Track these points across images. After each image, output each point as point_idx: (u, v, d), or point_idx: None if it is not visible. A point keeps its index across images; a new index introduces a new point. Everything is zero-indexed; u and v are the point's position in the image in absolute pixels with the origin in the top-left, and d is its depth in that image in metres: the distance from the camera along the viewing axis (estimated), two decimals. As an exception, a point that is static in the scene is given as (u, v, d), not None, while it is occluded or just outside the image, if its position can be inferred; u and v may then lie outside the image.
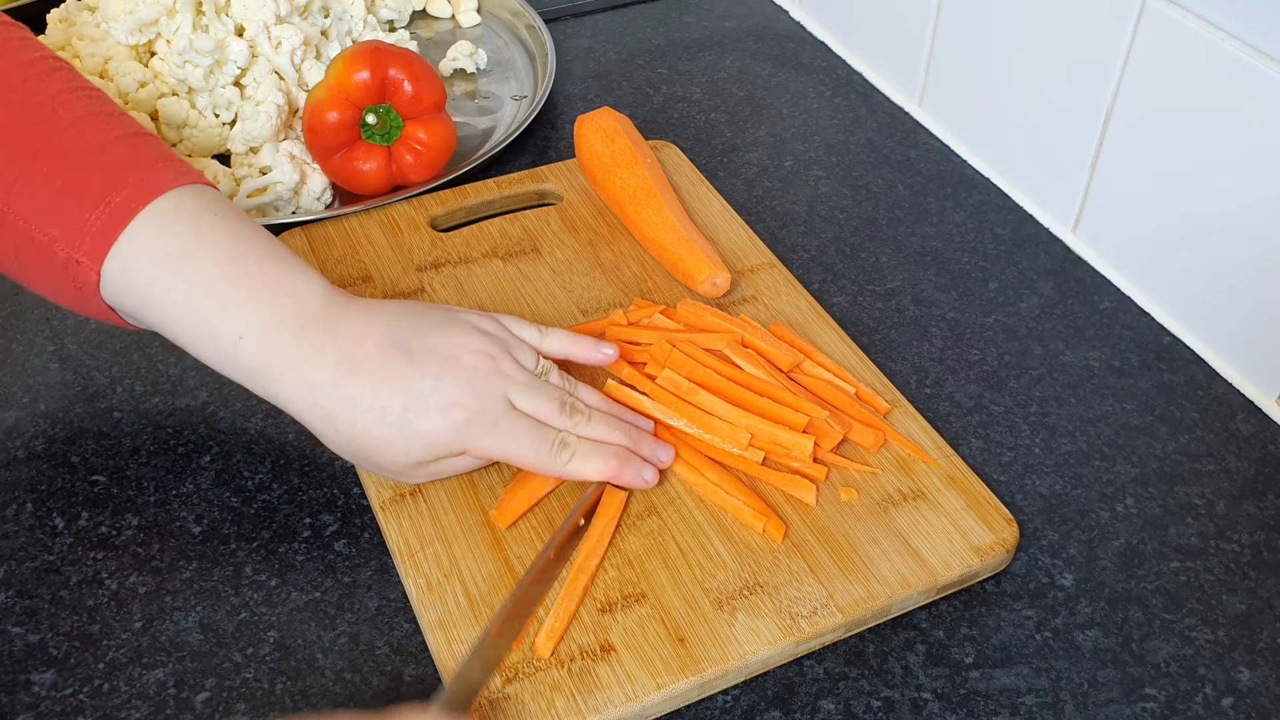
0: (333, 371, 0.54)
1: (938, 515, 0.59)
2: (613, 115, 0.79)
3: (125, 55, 0.81)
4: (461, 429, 0.55)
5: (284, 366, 0.54)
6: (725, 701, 0.54)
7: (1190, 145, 0.69)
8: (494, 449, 0.56)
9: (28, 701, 0.53)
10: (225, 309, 0.54)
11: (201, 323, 0.54)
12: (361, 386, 0.54)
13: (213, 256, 0.54)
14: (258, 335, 0.54)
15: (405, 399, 0.55)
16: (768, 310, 0.71)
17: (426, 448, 0.55)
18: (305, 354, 0.54)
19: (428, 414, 0.55)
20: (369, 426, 0.55)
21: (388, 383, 0.55)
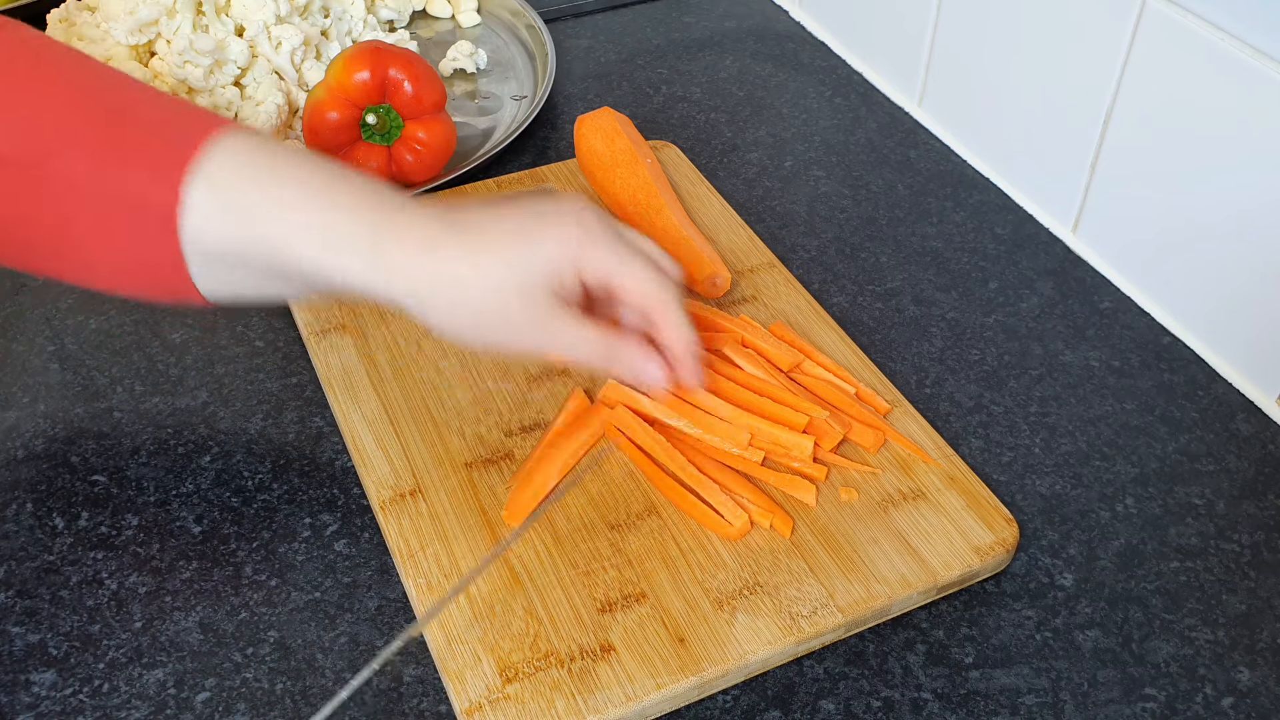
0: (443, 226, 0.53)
1: (938, 515, 0.59)
2: (613, 115, 0.79)
3: (125, 55, 0.81)
4: (582, 236, 0.54)
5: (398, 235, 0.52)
6: (725, 701, 0.54)
7: (1190, 145, 0.69)
8: (611, 259, 0.55)
9: (28, 701, 0.53)
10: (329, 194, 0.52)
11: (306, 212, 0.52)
12: (475, 226, 0.53)
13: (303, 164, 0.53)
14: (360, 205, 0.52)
15: (521, 223, 0.54)
16: (768, 310, 0.71)
17: (551, 262, 0.53)
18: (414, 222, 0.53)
19: (548, 226, 0.54)
20: (490, 255, 0.53)
21: (501, 217, 0.54)
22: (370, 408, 0.64)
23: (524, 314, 0.54)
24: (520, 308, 0.53)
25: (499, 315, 0.53)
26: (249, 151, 0.53)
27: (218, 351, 0.70)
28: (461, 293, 0.53)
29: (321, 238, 0.52)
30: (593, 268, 0.54)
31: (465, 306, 0.53)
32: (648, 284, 0.55)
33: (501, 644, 0.54)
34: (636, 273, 0.55)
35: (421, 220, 0.53)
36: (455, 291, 0.53)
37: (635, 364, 0.57)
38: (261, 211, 0.52)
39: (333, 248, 0.52)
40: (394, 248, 0.52)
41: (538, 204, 0.55)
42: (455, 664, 0.53)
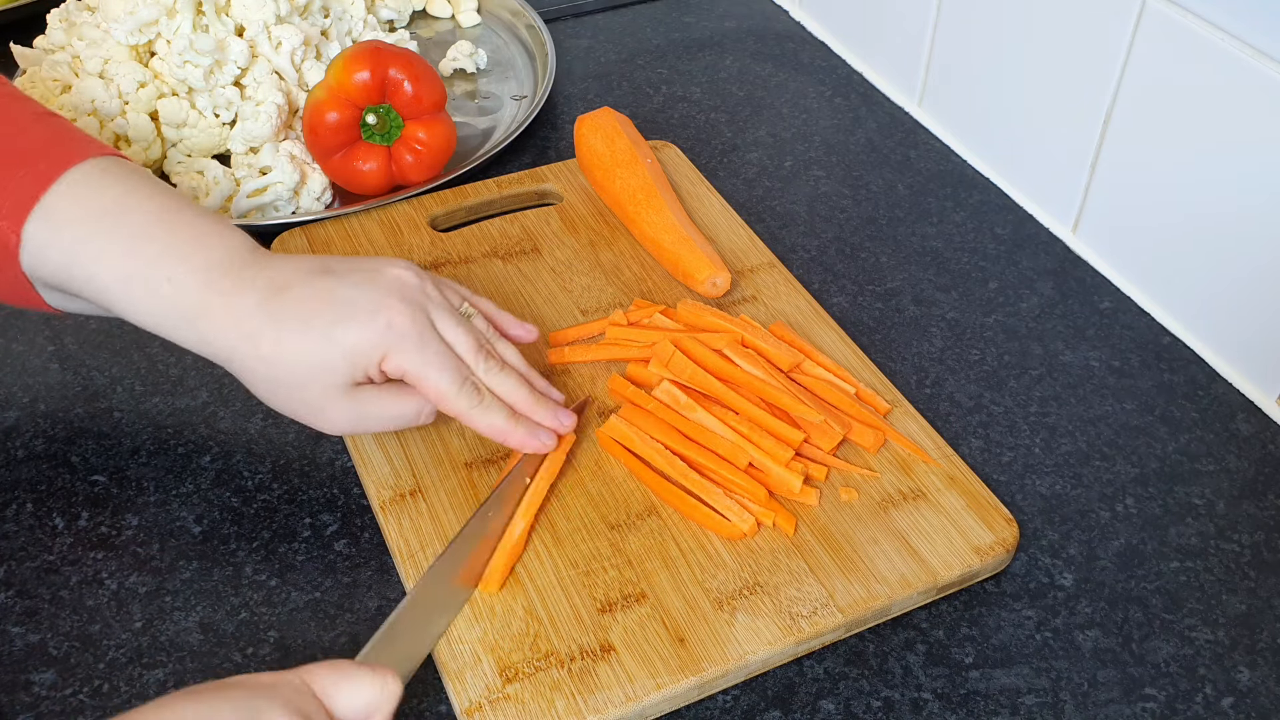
0: (259, 297, 0.55)
1: (938, 515, 0.59)
2: (613, 115, 0.79)
3: (125, 55, 0.81)
4: (385, 335, 0.55)
5: (214, 300, 0.54)
6: (725, 701, 0.54)
7: (1190, 145, 0.69)
8: (415, 366, 0.56)
9: (28, 701, 0.53)
10: (156, 255, 0.54)
11: (130, 271, 0.54)
12: (287, 303, 0.55)
13: (141, 209, 0.55)
14: (188, 278, 0.54)
15: (330, 309, 0.55)
16: (768, 310, 0.71)
17: (350, 358, 0.55)
18: (233, 289, 0.55)
19: (354, 320, 0.55)
20: (293, 340, 0.54)
21: (314, 296, 0.55)
22: (370, 408, 0.64)
23: (328, 404, 0.56)
24: (323, 399, 0.56)
25: (295, 394, 0.56)
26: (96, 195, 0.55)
27: (218, 351, 0.70)
28: (261, 367, 0.55)
29: (144, 305, 0.55)
30: (393, 366, 0.56)
31: (265, 380, 0.56)
32: (443, 392, 0.57)
33: (501, 644, 0.54)
34: (433, 379, 0.56)
35: (240, 299, 0.55)
36: (256, 364, 0.55)
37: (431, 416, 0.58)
38: (97, 270, 0.55)
39: (150, 311, 0.55)
40: (208, 317, 0.55)
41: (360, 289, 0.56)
42: (455, 664, 0.53)
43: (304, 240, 0.75)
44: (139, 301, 0.55)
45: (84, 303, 0.57)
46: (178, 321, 0.55)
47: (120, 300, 0.55)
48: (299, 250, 0.74)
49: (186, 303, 0.54)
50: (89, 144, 0.56)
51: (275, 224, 0.77)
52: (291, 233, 0.76)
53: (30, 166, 0.54)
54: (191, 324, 0.55)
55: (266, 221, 0.78)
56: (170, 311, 0.55)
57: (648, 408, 0.63)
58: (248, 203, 0.79)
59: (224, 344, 0.55)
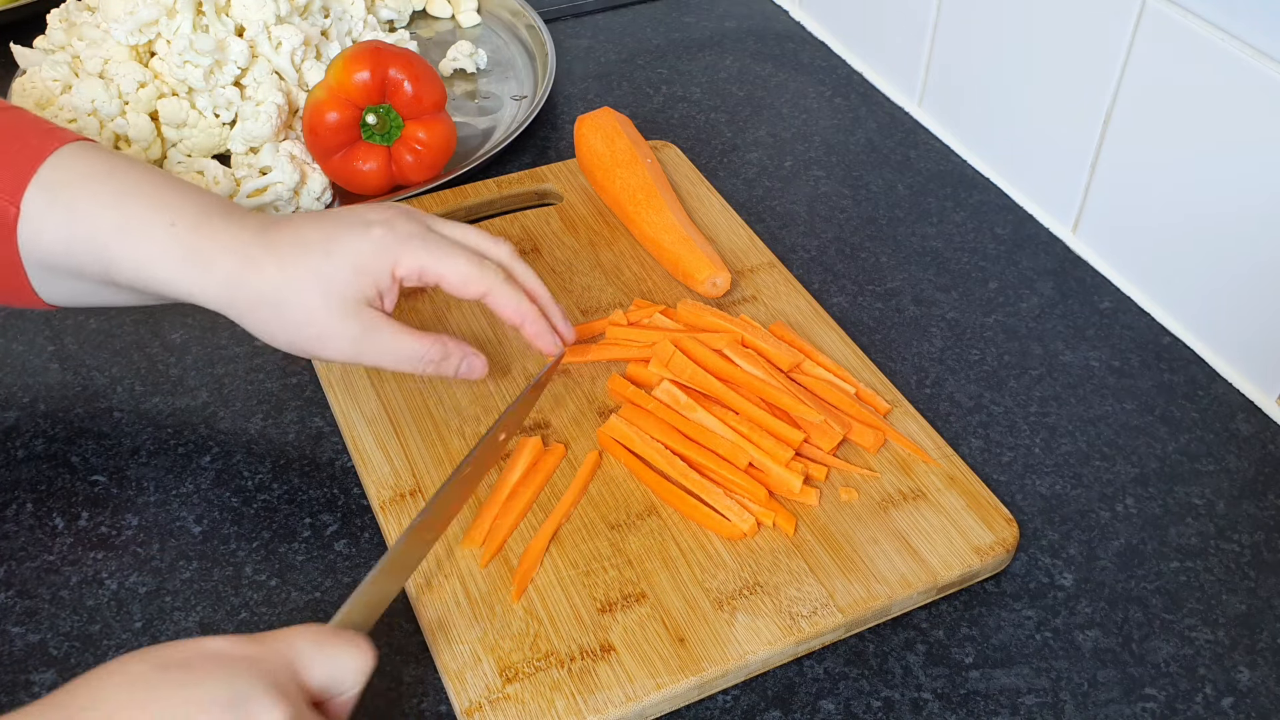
0: (257, 228, 0.56)
1: (938, 515, 0.59)
2: (613, 115, 0.79)
3: (125, 55, 0.81)
4: (385, 239, 0.56)
5: (214, 237, 0.55)
6: (725, 701, 0.54)
7: (1190, 145, 0.69)
8: (429, 260, 0.56)
9: (28, 701, 0.53)
10: (155, 205, 0.55)
11: (133, 218, 0.55)
12: (286, 230, 0.56)
13: (134, 171, 0.56)
14: (188, 220, 0.55)
15: (327, 226, 0.56)
16: (768, 310, 0.71)
17: (354, 268, 0.55)
18: (232, 225, 0.55)
19: (351, 232, 0.55)
20: (295, 260, 0.55)
21: (310, 221, 0.56)
22: (370, 408, 0.64)
23: (334, 323, 0.55)
24: (329, 317, 0.55)
25: (309, 325, 0.55)
26: (90, 162, 0.56)
27: (218, 351, 0.70)
28: (271, 304, 0.55)
29: (145, 250, 0.55)
30: (405, 266, 0.56)
31: (277, 317, 0.55)
32: (467, 272, 0.57)
33: (501, 644, 0.54)
34: (452, 264, 0.56)
35: (239, 233, 0.55)
36: (265, 302, 0.55)
37: (460, 364, 0.59)
38: (97, 224, 0.55)
39: (155, 260, 0.55)
40: (216, 261, 0.55)
41: (350, 213, 0.57)
42: (455, 664, 0.53)
43: (304, 240, 0.75)
44: (139, 248, 0.55)
45: (73, 284, 0.57)
46: (179, 262, 0.54)
47: (119, 250, 0.55)
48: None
49: (186, 242, 0.54)
50: (66, 131, 0.57)
51: (275, 224, 0.77)
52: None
53: (20, 143, 0.55)
54: (192, 262, 0.55)
55: (266, 221, 0.78)
56: (171, 253, 0.54)
57: (648, 407, 0.63)
58: (248, 203, 0.79)
59: (225, 277, 0.55)
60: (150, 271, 0.55)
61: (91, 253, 0.55)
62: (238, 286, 0.55)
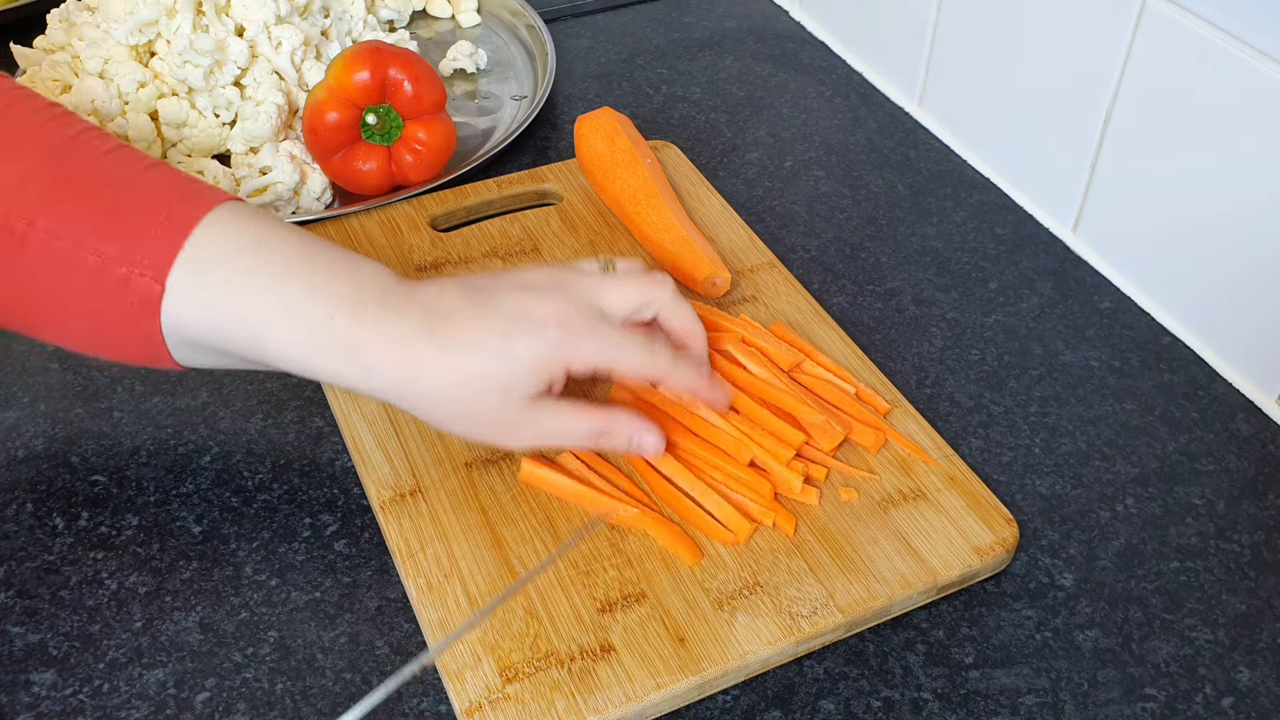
0: (422, 323, 0.53)
1: (938, 515, 0.59)
2: (613, 115, 0.79)
3: (125, 55, 0.81)
4: (560, 339, 0.54)
5: (375, 333, 0.53)
6: (725, 701, 0.54)
7: (1190, 145, 0.69)
8: (597, 354, 0.55)
9: (28, 701, 0.53)
10: (310, 289, 0.53)
11: (286, 306, 0.52)
12: (454, 325, 0.53)
13: (285, 245, 0.53)
14: (345, 310, 0.52)
15: (499, 324, 0.54)
16: (768, 310, 0.71)
17: (531, 369, 0.53)
18: (392, 318, 0.53)
19: (525, 333, 0.53)
20: (471, 363, 0.53)
21: (479, 315, 0.54)
22: (370, 408, 0.64)
23: (503, 415, 0.54)
24: (499, 410, 0.54)
25: (476, 415, 0.54)
26: (241, 232, 0.53)
27: (218, 351, 0.70)
28: (437, 392, 0.53)
29: (302, 342, 0.52)
30: (579, 364, 0.55)
31: (441, 406, 0.54)
32: (640, 363, 0.56)
33: (501, 644, 0.54)
34: (624, 357, 0.55)
35: (402, 326, 0.53)
36: (432, 390, 0.53)
37: (629, 439, 0.57)
38: (248, 309, 0.52)
39: (313, 353, 0.53)
40: (374, 360, 0.53)
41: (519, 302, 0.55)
42: (455, 664, 0.53)
43: (304, 240, 0.75)
44: (295, 340, 0.53)
45: (217, 355, 0.55)
46: (337, 357, 0.53)
47: (273, 340, 0.52)
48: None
49: (346, 337, 0.52)
50: (212, 189, 0.55)
51: (275, 224, 0.77)
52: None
53: (164, 214, 0.52)
54: (354, 359, 0.53)
55: (266, 221, 0.78)
56: (330, 348, 0.53)
57: (652, 400, 0.63)
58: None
59: (391, 375, 0.53)
60: (306, 364, 0.53)
61: (243, 338, 0.53)
62: (406, 385, 0.53)
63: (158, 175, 0.54)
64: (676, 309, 0.59)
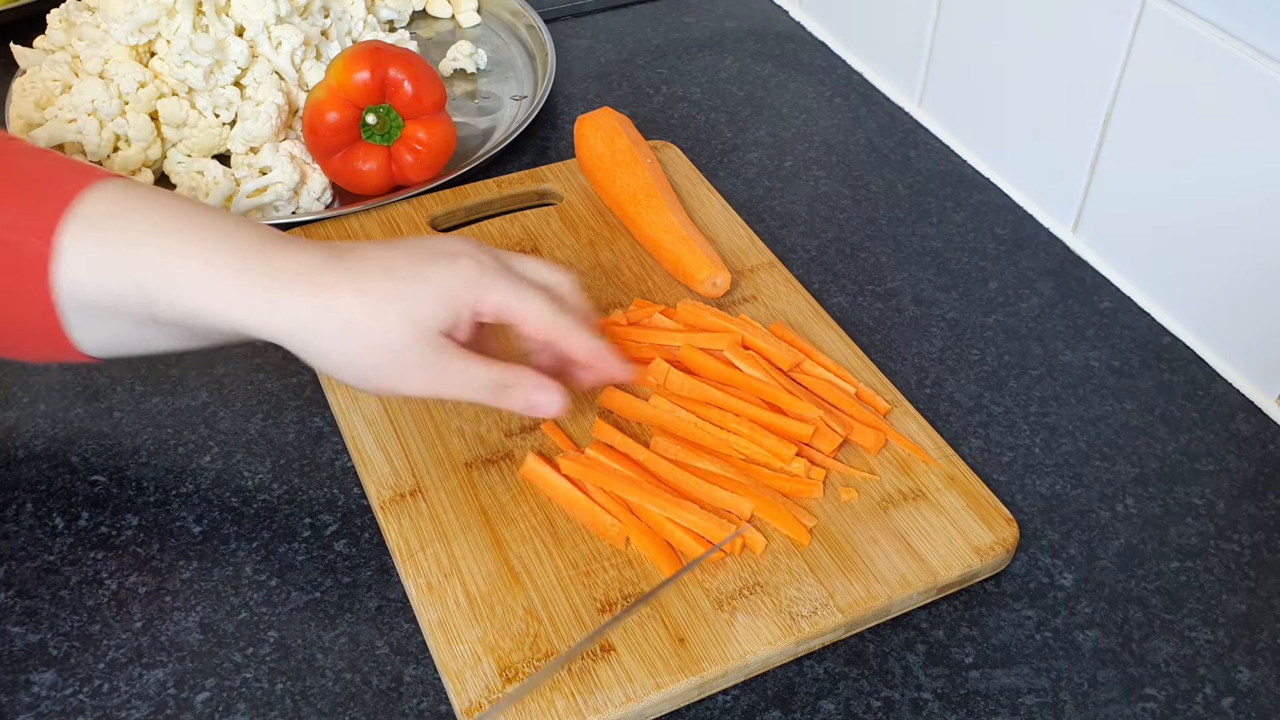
0: (328, 255, 0.52)
1: (938, 515, 0.59)
2: (613, 115, 0.79)
3: (125, 55, 0.81)
4: (473, 272, 0.54)
5: (277, 262, 0.51)
6: (725, 701, 0.54)
7: (1190, 145, 0.69)
8: (512, 298, 0.54)
9: (28, 701, 0.53)
10: (206, 230, 0.51)
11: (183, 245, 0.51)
12: (362, 256, 0.53)
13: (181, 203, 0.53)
14: (245, 243, 0.51)
15: (410, 255, 0.53)
16: (768, 310, 0.71)
17: (442, 299, 0.53)
18: (295, 250, 0.52)
19: (438, 262, 0.53)
20: (379, 287, 0.52)
21: (388, 247, 0.54)
22: (370, 408, 0.64)
23: (414, 355, 0.53)
24: (410, 349, 0.53)
25: (388, 357, 0.53)
26: (128, 196, 0.52)
27: (218, 351, 0.70)
28: (350, 334, 0.52)
29: (204, 278, 0.51)
30: (490, 303, 0.54)
31: (353, 348, 0.52)
32: (544, 314, 0.56)
33: (501, 644, 0.54)
34: (534, 305, 0.55)
35: (309, 259, 0.52)
36: (343, 332, 0.52)
37: (529, 396, 0.56)
38: (137, 256, 0.50)
39: (215, 288, 0.51)
40: (280, 287, 0.51)
41: (427, 243, 0.55)
42: (455, 664, 0.53)
43: (304, 240, 0.75)
44: (187, 275, 0.50)
45: (114, 326, 0.53)
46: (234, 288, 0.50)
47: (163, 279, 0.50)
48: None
49: (243, 267, 0.50)
50: (105, 171, 0.54)
51: (275, 224, 0.77)
52: (291, 233, 0.76)
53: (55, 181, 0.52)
54: (250, 288, 0.51)
55: (266, 221, 0.78)
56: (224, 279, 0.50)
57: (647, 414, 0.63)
58: (248, 203, 0.79)
59: (291, 304, 0.51)
60: (201, 301, 0.50)
61: (133, 286, 0.50)
62: (309, 313, 0.51)
63: (51, 158, 0.54)
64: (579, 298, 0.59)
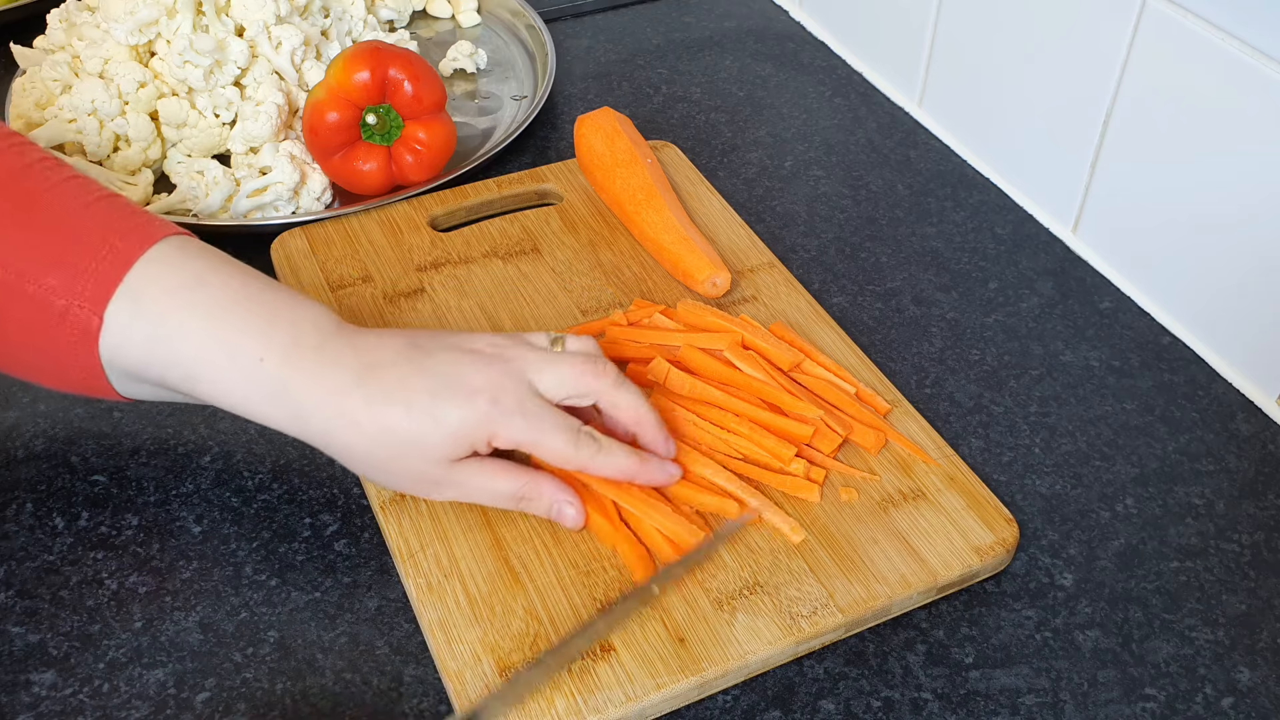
0: (354, 374, 0.54)
1: (938, 515, 0.59)
2: (613, 115, 0.79)
3: (125, 55, 0.81)
4: (489, 412, 0.54)
5: (305, 379, 0.54)
6: (725, 701, 0.54)
7: (1190, 145, 0.69)
8: (523, 434, 0.55)
9: (28, 701, 0.53)
10: (245, 330, 0.53)
11: (221, 345, 0.53)
12: (385, 382, 0.54)
13: (226, 284, 0.54)
14: (278, 354, 0.53)
15: (430, 385, 0.54)
16: (768, 310, 0.71)
17: (454, 437, 0.54)
18: (326, 365, 0.54)
19: (454, 399, 0.54)
20: (396, 421, 0.53)
21: (411, 374, 0.54)
22: (370, 408, 0.64)
23: (423, 472, 0.55)
24: (430, 473, 0.55)
25: (396, 470, 0.55)
26: (178, 272, 0.54)
27: (218, 351, 0.70)
28: (360, 444, 0.54)
29: (237, 385, 0.54)
30: (503, 440, 0.55)
31: (364, 457, 0.55)
32: (563, 451, 0.55)
33: (501, 644, 0.54)
34: (549, 442, 0.55)
35: (334, 377, 0.54)
36: (354, 441, 0.54)
37: (551, 507, 0.57)
38: (182, 346, 0.53)
39: (241, 394, 0.54)
40: (301, 408, 0.54)
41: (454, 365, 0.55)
42: (455, 664, 0.53)
43: (304, 240, 0.75)
44: (225, 379, 0.54)
45: (155, 388, 0.56)
46: (269, 400, 0.54)
47: (205, 381, 0.54)
48: (300, 251, 0.74)
49: (278, 382, 0.53)
50: (159, 223, 0.55)
51: (275, 224, 0.77)
52: (291, 233, 0.76)
53: (108, 248, 0.53)
54: (283, 403, 0.54)
55: (266, 221, 0.78)
56: (260, 390, 0.54)
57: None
58: (248, 203, 0.79)
59: (320, 423, 0.54)
60: (236, 404, 0.54)
61: (177, 375, 0.54)
62: (331, 433, 0.54)
63: (106, 207, 0.55)
64: (619, 398, 0.57)
